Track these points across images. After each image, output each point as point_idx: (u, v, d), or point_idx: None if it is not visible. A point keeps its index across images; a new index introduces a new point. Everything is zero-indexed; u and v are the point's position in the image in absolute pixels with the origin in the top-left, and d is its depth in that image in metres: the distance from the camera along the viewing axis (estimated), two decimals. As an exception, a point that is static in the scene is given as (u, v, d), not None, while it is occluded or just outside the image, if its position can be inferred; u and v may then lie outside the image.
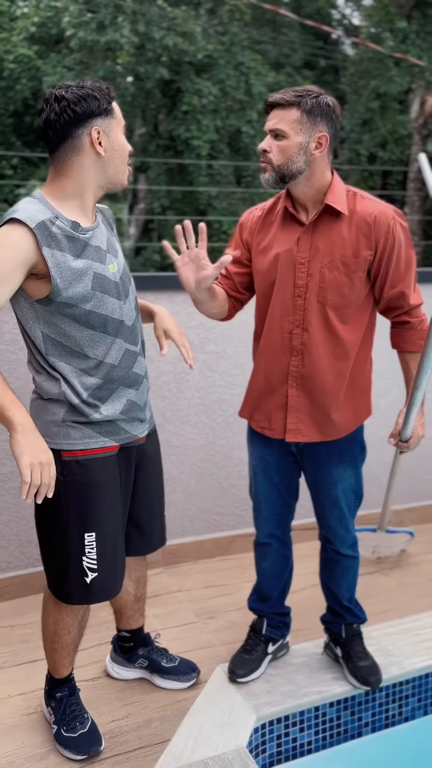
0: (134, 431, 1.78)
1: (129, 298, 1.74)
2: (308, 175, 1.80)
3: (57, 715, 1.87)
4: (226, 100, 17.74)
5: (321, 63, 21.46)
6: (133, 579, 2.05)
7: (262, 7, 18.61)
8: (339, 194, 1.83)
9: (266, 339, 1.94)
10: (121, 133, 1.66)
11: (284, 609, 2.25)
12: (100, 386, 1.68)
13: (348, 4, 21.87)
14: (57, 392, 1.65)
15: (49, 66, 17.37)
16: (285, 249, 1.87)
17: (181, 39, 17.03)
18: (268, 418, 1.99)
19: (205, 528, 2.95)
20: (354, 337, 1.90)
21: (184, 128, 17.33)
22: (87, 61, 17.33)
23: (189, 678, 2.10)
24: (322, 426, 1.94)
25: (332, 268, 1.83)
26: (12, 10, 18.14)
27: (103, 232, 1.70)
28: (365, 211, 1.82)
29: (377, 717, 2.17)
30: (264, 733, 2.00)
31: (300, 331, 1.88)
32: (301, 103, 1.74)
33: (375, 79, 18.99)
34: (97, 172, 1.64)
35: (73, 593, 1.74)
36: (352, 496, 2.06)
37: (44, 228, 1.55)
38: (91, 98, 1.57)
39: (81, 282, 1.59)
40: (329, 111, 1.77)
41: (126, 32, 16.39)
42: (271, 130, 1.78)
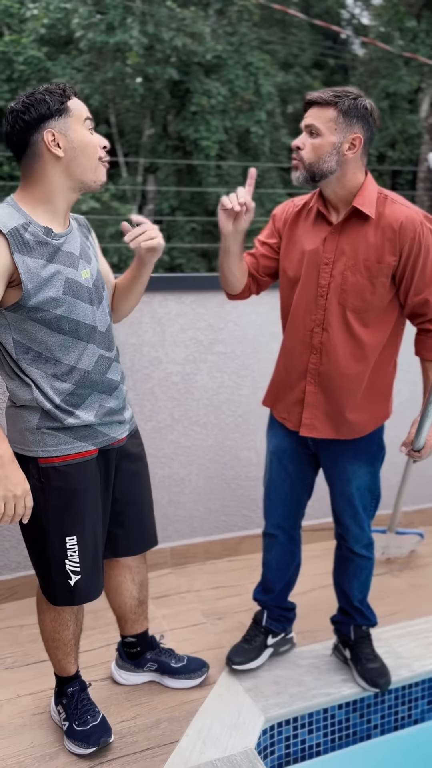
0: (113, 433, 1.77)
1: (102, 304, 1.73)
2: (340, 176, 1.80)
3: (68, 711, 1.88)
4: (235, 100, 17.74)
5: (330, 63, 21.42)
6: (136, 583, 2.03)
7: (271, 8, 18.61)
8: (369, 197, 1.82)
9: (289, 334, 1.97)
10: (83, 129, 1.60)
11: (287, 604, 2.27)
12: (72, 392, 1.67)
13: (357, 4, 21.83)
14: (29, 398, 1.64)
15: (58, 67, 17.44)
16: (312, 248, 1.88)
17: (190, 40, 17.05)
18: (288, 411, 2.02)
19: (213, 529, 2.95)
20: (375, 341, 1.89)
21: (193, 129, 17.35)
22: (96, 62, 17.38)
23: (200, 674, 2.10)
24: (336, 424, 1.95)
25: (355, 271, 1.83)
26: (22, 11, 18.23)
27: (77, 238, 1.70)
28: (392, 215, 1.80)
29: (386, 719, 2.16)
30: (272, 734, 2.00)
31: (320, 330, 1.90)
32: (339, 103, 1.74)
33: (384, 78, 18.94)
34: (63, 175, 1.60)
35: (59, 595, 1.76)
36: (368, 495, 2.06)
37: (17, 234, 1.55)
38: (39, 103, 1.56)
39: (52, 287, 1.59)
40: (366, 114, 1.77)
41: (135, 33, 16.43)
42: (307, 126, 1.78)
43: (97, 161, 1.63)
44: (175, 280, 2.71)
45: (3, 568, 2.58)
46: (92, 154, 1.62)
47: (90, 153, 1.61)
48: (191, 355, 2.78)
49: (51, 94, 1.57)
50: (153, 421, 2.76)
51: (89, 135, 1.61)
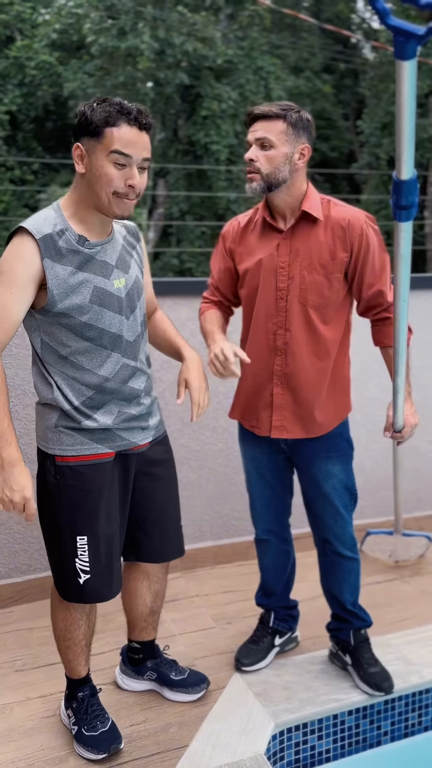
0: (133, 438, 1.78)
1: (135, 314, 1.74)
2: (289, 185, 1.90)
3: (78, 715, 1.88)
4: (246, 104, 17.76)
5: (340, 67, 21.43)
6: (152, 592, 2.03)
7: (281, 12, 18.64)
8: (314, 202, 1.93)
9: (252, 341, 2.03)
10: (105, 160, 1.55)
11: (290, 603, 2.30)
12: (92, 396, 1.69)
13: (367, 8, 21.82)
14: (50, 397, 1.68)
15: (70, 72, 17.55)
16: (266, 255, 1.97)
17: (200, 44, 17.11)
18: (257, 417, 2.06)
19: (223, 533, 2.95)
20: (334, 336, 1.98)
21: (204, 133, 17.39)
22: (107, 66, 17.47)
23: (198, 690, 2.07)
24: (305, 423, 2.01)
25: (311, 270, 1.92)
26: (34, 17, 18.35)
27: (117, 247, 1.71)
28: (339, 216, 1.92)
29: (396, 726, 2.15)
30: (282, 740, 2.00)
31: (283, 332, 1.96)
32: (287, 116, 1.84)
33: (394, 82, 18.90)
34: (86, 191, 1.61)
35: (69, 592, 1.78)
36: (346, 493, 2.09)
37: (49, 240, 1.58)
38: (83, 116, 1.57)
39: (78, 294, 1.61)
40: (309, 125, 1.88)
41: (146, 38, 16.50)
42: (258, 139, 1.86)
43: (111, 196, 1.58)
44: (186, 284, 2.72)
45: (13, 571, 2.59)
46: (104, 186, 1.57)
47: (102, 185, 1.57)
48: (202, 358, 2.78)
49: (94, 112, 1.55)
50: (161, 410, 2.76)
51: (109, 168, 1.56)
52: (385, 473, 3.17)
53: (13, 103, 17.52)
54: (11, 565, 2.59)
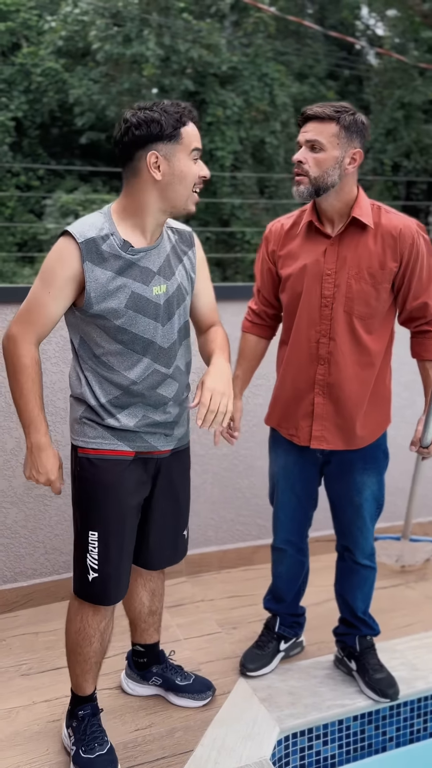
0: (155, 443, 1.78)
1: (172, 321, 1.73)
2: (338, 189, 1.84)
3: (77, 735, 1.83)
4: (250, 111, 17.83)
5: (345, 73, 21.48)
6: (148, 590, 2.02)
7: (286, 19, 18.72)
8: (365, 208, 1.87)
9: (293, 348, 1.97)
10: (188, 159, 1.61)
11: (298, 610, 2.28)
12: (118, 396, 1.71)
13: (372, 15, 21.89)
14: (79, 392, 1.73)
15: (75, 79, 17.64)
16: (312, 260, 1.90)
17: (205, 51, 17.18)
18: (296, 426, 2.01)
19: (228, 538, 2.95)
20: (378, 347, 1.93)
21: (208, 139, 17.45)
22: (113, 73, 17.56)
23: (204, 696, 2.06)
24: (346, 434, 1.97)
25: (359, 279, 1.86)
26: (40, 24, 18.46)
27: (162, 254, 1.70)
28: (390, 224, 1.86)
29: (402, 732, 2.15)
30: (287, 745, 1.99)
31: (327, 341, 1.91)
32: (340, 118, 1.77)
33: (399, 88, 18.96)
34: (156, 196, 1.62)
35: (80, 587, 1.79)
36: (374, 504, 2.07)
37: (92, 244, 1.60)
38: (153, 122, 1.56)
39: (115, 299, 1.63)
40: (363, 129, 1.81)
41: (151, 45, 16.59)
42: (308, 141, 1.80)
43: (191, 191, 1.64)
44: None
45: (19, 575, 2.60)
46: (189, 184, 1.63)
47: (187, 183, 1.62)
48: (207, 364, 2.79)
49: (167, 116, 1.57)
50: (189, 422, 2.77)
51: (192, 165, 1.62)
52: (390, 478, 3.16)
53: (19, 109, 17.62)
54: (17, 570, 2.59)
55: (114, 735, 1.94)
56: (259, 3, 17.81)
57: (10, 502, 2.54)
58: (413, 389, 3.12)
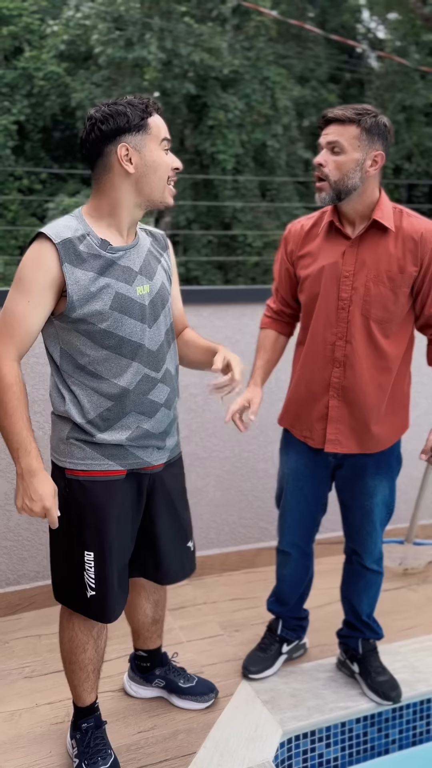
0: (147, 458, 1.71)
1: (158, 322, 1.68)
2: (360, 192, 1.83)
3: (80, 748, 1.81)
4: (252, 114, 17.86)
5: (346, 76, 21.51)
6: (151, 602, 2.00)
7: (287, 23, 18.76)
8: (387, 211, 1.86)
9: (309, 349, 1.96)
10: (159, 149, 1.58)
11: (302, 613, 2.28)
12: (110, 408, 1.63)
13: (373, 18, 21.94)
14: (62, 409, 1.64)
15: (77, 83, 17.67)
16: (330, 262, 1.89)
17: (207, 55, 17.22)
18: (309, 428, 2.00)
19: (230, 540, 2.95)
20: (396, 351, 1.91)
21: (210, 143, 17.48)
22: (115, 77, 17.59)
23: (207, 699, 2.06)
24: (361, 438, 1.96)
25: (377, 282, 1.85)
26: (42, 28, 18.51)
27: (141, 253, 1.66)
28: (412, 228, 1.85)
29: (404, 734, 2.15)
30: (290, 747, 1.99)
31: (343, 344, 1.90)
32: (361, 120, 1.76)
33: (400, 92, 18.99)
34: (130, 191, 1.59)
35: (75, 602, 1.73)
36: (385, 509, 2.06)
37: (69, 244, 1.54)
38: (120, 115, 1.53)
39: (99, 300, 1.56)
40: (385, 131, 1.80)
41: (153, 49, 16.63)
42: (329, 143, 1.79)
43: (166, 182, 1.61)
44: (193, 293, 2.74)
45: (21, 578, 2.60)
46: (163, 174, 1.60)
47: (161, 173, 1.59)
48: (209, 367, 2.79)
49: (133, 108, 1.55)
50: (179, 431, 2.77)
51: (163, 155, 1.59)
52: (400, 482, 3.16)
53: (21, 113, 17.65)
54: (20, 572, 2.60)
55: (116, 737, 1.94)
56: (261, 7, 17.85)
57: (13, 504, 2.54)
58: (417, 392, 3.13)
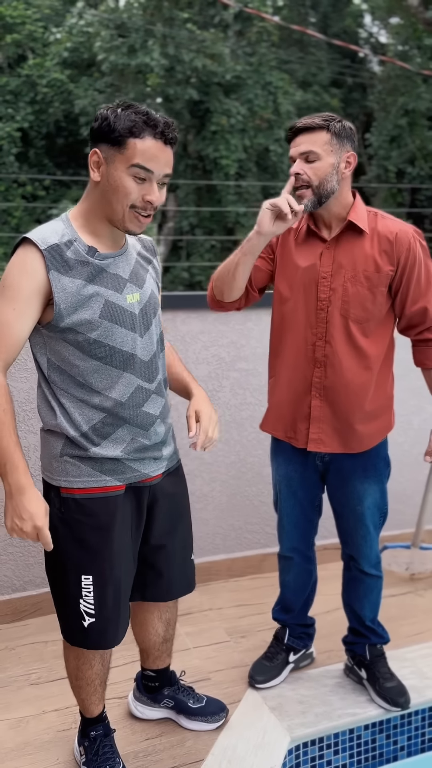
0: (145, 470, 1.65)
1: (150, 332, 1.62)
2: (337, 195, 1.87)
3: (88, 756, 1.79)
4: (254, 119, 17.91)
5: (348, 81, 21.55)
6: (164, 621, 1.93)
7: (289, 28, 18.83)
8: (361, 213, 1.90)
9: (289, 350, 1.98)
10: (123, 171, 1.46)
11: (307, 621, 2.27)
12: (102, 420, 1.56)
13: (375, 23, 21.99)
14: (53, 423, 1.57)
15: (81, 89, 17.75)
16: (307, 264, 1.92)
17: (209, 60, 17.28)
18: (293, 428, 2.01)
19: (236, 546, 2.95)
20: (376, 351, 1.93)
21: (213, 148, 17.52)
22: (118, 83, 17.67)
23: (217, 719, 2.00)
24: (344, 437, 1.97)
25: (355, 282, 1.88)
26: (45, 36, 18.61)
27: (130, 260, 1.61)
28: (386, 229, 1.88)
29: (413, 741, 2.13)
30: (298, 754, 1.98)
31: (323, 344, 1.92)
32: (330, 126, 1.81)
33: (403, 96, 19.00)
34: (99, 200, 1.51)
35: (73, 636, 1.66)
36: (377, 512, 2.07)
37: (56, 251, 1.48)
38: (105, 120, 1.45)
39: (88, 309, 1.50)
40: (351, 134, 1.86)
41: (156, 55, 16.70)
42: (303, 153, 1.83)
43: (127, 210, 1.49)
44: (198, 298, 2.74)
45: (27, 584, 2.60)
46: (121, 199, 1.48)
47: (119, 198, 1.48)
48: (214, 372, 2.79)
49: (122, 120, 1.44)
50: (176, 438, 2.77)
51: (128, 181, 1.46)
52: (399, 486, 3.16)
53: (25, 120, 17.73)
54: (26, 578, 2.60)
55: (124, 744, 1.94)
56: (263, 12, 17.91)
57: (19, 511, 2.54)
58: (422, 396, 3.12)
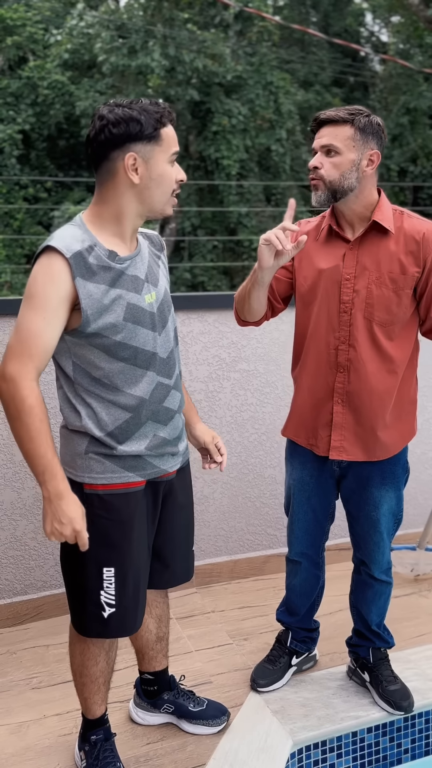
0: (163, 466, 1.70)
1: (166, 328, 1.66)
2: (358, 193, 1.80)
3: (89, 760, 1.79)
4: (256, 119, 17.90)
5: (350, 80, 21.53)
6: (154, 617, 1.96)
7: (290, 27, 18.82)
8: (386, 212, 1.83)
9: (311, 355, 1.93)
10: (165, 162, 1.53)
11: (311, 624, 2.25)
12: (128, 420, 1.61)
13: (376, 22, 21.96)
14: (79, 424, 1.60)
15: (81, 91, 17.77)
16: (330, 265, 1.87)
17: (210, 61, 17.28)
18: (315, 435, 1.97)
19: (238, 547, 2.93)
20: (401, 355, 1.88)
21: (214, 148, 17.52)
22: (118, 85, 17.69)
23: (218, 722, 2.00)
24: (367, 445, 1.92)
25: (380, 284, 1.82)
26: (46, 38, 18.63)
27: (145, 259, 1.63)
28: (413, 228, 1.82)
29: (417, 743, 2.12)
30: (301, 758, 1.97)
31: (346, 348, 1.87)
32: (355, 120, 1.75)
33: (404, 94, 18.98)
34: (133, 200, 1.54)
35: (90, 627, 1.69)
36: (392, 519, 2.03)
37: (80, 258, 1.50)
38: (133, 121, 1.47)
39: (112, 312, 1.53)
40: (379, 130, 1.79)
41: (156, 56, 16.70)
42: (324, 146, 1.77)
43: (170, 195, 1.57)
44: (198, 299, 2.73)
45: (29, 588, 2.59)
46: (167, 188, 1.55)
47: (165, 187, 1.55)
48: (214, 372, 2.78)
49: (147, 115, 1.48)
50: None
51: (170, 168, 1.54)
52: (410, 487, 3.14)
53: (26, 122, 17.75)
54: (27, 582, 2.59)
55: (125, 749, 1.92)
56: (263, 12, 17.90)
57: (20, 514, 2.53)
58: (425, 396, 3.10)
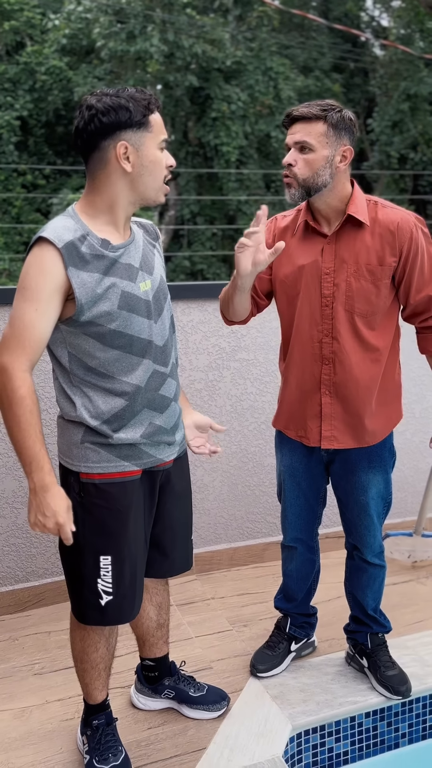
0: (159, 455, 1.71)
1: (162, 317, 1.67)
2: (332, 188, 1.82)
3: (91, 744, 1.81)
4: (255, 105, 17.79)
5: (350, 66, 21.36)
6: (155, 604, 1.97)
7: (290, 12, 18.65)
8: (360, 204, 1.85)
9: (296, 349, 1.96)
10: (156, 148, 1.54)
11: (309, 610, 2.28)
12: (124, 407, 1.62)
13: (377, 7, 21.76)
14: (74, 415, 1.61)
15: (80, 77, 17.65)
16: (309, 261, 1.89)
17: (209, 46, 17.15)
18: (304, 427, 2.00)
19: (238, 535, 2.95)
20: (383, 343, 1.92)
21: (213, 135, 17.43)
22: (117, 70, 17.56)
23: (219, 707, 2.02)
24: (356, 432, 1.96)
25: (358, 276, 1.85)
26: (44, 23, 18.47)
27: (138, 248, 1.64)
28: (387, 218, 1.84)
29: (414, 728, 2.15)
30: (300, 742, 2.00)
31: (329, 340, 1.90)
32: (327, 117, 1.75)
33: (405, 80, 18.85)
34: (126, 188, 1.55)
35: (88, 614, 1.70)
36: (381, 502, 2.07)
37: (72, 248, 1.51)
38: (122, 109, 1.48)
39: (107, 301, 1.54)
40: (351, 125, 1.79)
41: (155, 41, 16.57)
42: (297, 143, 1.78)
43: (162, 182, 1.58)
44: (198, 288, 2.73)
45: (30, 575, 2.61)
46: (159, 174, 1.57)
47: (157, 174, 1.56)
48: (214, 362, 2.79)
49: (136, 103, 1.49)
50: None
51: (160, 154, 1.56)
52: (401, 474, 3.16)
53: (24, 108, 17.64)
54: (29, 569, 2.61)
55: (127, 733, 1.95)
56: (263, -3, 17.75)
57: (21, 502, 2.55)
58: (423, 385, 3.11)
